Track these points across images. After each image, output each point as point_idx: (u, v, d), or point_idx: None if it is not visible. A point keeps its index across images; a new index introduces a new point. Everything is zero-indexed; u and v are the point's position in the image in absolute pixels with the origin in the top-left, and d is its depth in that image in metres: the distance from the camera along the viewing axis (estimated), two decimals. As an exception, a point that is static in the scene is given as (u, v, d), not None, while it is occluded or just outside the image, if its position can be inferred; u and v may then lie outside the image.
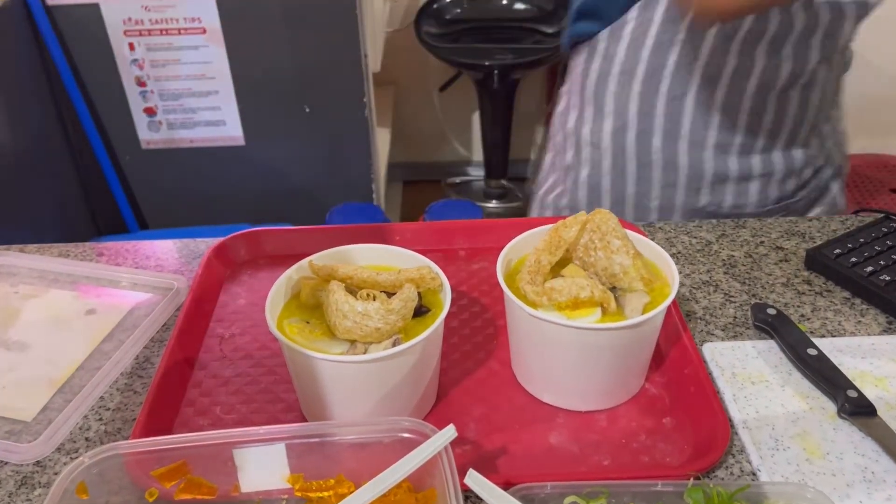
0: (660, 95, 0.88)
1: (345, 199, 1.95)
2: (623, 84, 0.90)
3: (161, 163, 1.89)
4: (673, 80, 0.87)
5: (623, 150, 0.92)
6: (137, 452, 0.51)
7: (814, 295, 0.74)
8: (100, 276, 0.79)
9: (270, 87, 1.79)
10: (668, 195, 0.92)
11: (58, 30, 1.71)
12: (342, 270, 0.60)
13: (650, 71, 0.87)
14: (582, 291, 0.58)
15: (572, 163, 0.98)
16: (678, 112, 0.88)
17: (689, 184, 0.91)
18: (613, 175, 0.94)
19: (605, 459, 0.58)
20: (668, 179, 0.91)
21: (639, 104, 0.89)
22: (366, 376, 0.57)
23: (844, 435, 0.59)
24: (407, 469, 0.49)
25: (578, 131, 0.96)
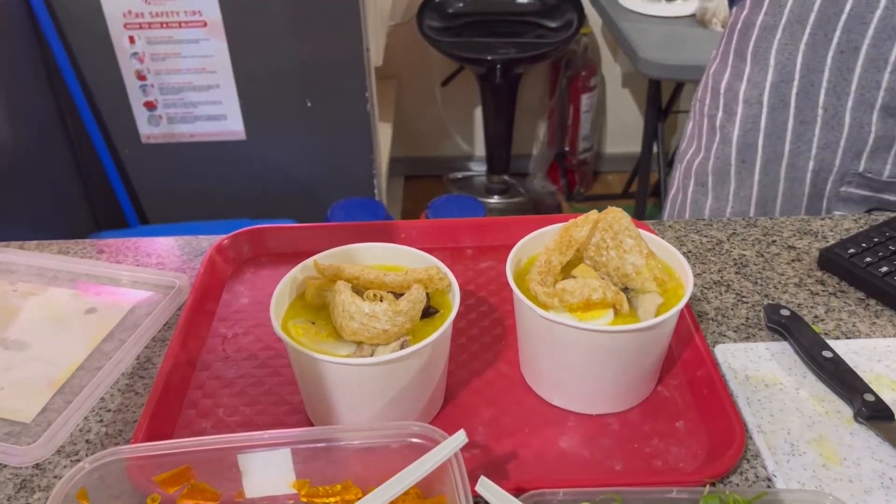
0: (831, 47, 0.83)
1: (346, 194, 1.93)
2: (791, 35, 0.85)
3: (161, 157, 1.88)
4: (844, 31, 0.82)
5: (785, 104, 0.88)
6: (139, 457, 0.50)
7: (827, 296, 0.73)
8: (100, 274, 0.78)
9: (272, 81, 1.78)
10: (826, 157, 0.88)
11: (57, 23, 1.69)
12: (348, 270, 0.59)
13: (821, 20, 0.83)
14: (594, 293, 0.57)
15: (722, 122, 0.94)
16: (848, 67, 0.84)
17: (848, 146, 0.87)
18: (769, 131, 0.90)
19: (617, 464, 0.57)
20: (829, 139, 0.88)
21: (805, 56, 0.85)
22: (373, 379, 0.55)
23: (861, 440, 0.58)
24: (416, 475, 0.47)
25: (732, 89, 0.92)
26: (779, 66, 0.88)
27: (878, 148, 0.87)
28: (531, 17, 2.39)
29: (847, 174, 0.89)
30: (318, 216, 1.90)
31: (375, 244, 0.64)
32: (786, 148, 0.90)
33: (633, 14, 1.98)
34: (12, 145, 1.61)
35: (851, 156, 0.88)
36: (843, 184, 0.90)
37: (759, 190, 0.94)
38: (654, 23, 1.94)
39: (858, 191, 0.90)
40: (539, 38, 2.35)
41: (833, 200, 0.91)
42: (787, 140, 0.90)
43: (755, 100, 0.91)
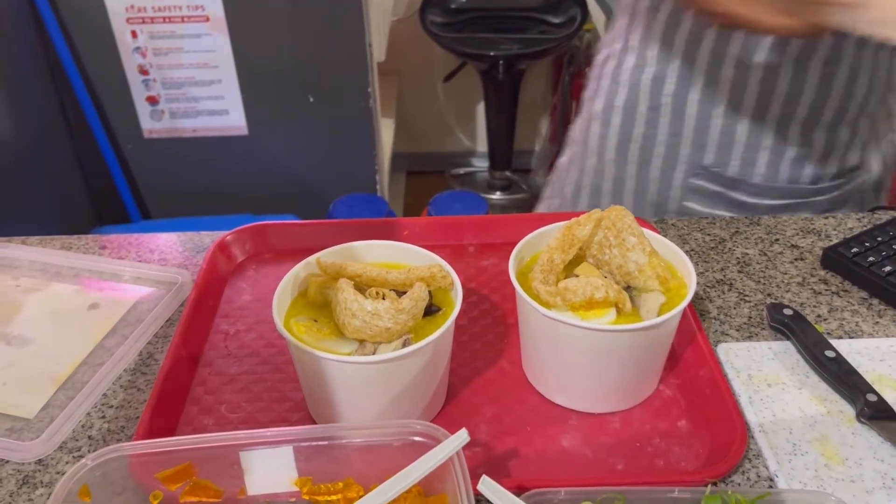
0: (679, 29, 0.84)
1: (348, 189, 1.93)
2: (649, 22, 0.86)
3: (163, 152, 1.88)
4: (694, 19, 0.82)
5: (639, 88, 0.89)
6: (142, 454, 0.50)
7: (830, 295, 0.73)
8: (103, 270, 0.78)
9: (274, 76, 1.78)
10: (673, 144, 0.89)
11: (60, 17, 1.69)
12: (351, 268, 0.59)
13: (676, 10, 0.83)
14: (597, 292, 0.57)
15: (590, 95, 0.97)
16: (692, 55, 0.84)
17: (694, 137, 0.88)
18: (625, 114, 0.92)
19: (618, 463, 0.57)
20: (676, 128, 0.89)
21: (660, 40, 0.86)
22: (375, 377, 0.55)
23: (864, 440, 0.58)
24: (418, 474, 0.47)
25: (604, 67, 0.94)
26: (640, 48, 0.89)
27: (723, 143, 0.87)
28: (534, 12, 2.39)
29: (694, 166, 0.90)
30: (320, 212, 1.90)
31: (378, 242, 0.64)
32: (637, 130, 0.91)
33: (636, 10, 1.97)
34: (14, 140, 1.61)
35: (697, 147, 0.89)
36: (692, 175, 0.90)
37: (614, 169, 0.95)
38: (658, 19, 1.93)
39: (707, 184, 0.90)
40: (542, 34, 2.35)
41: (684, 191, 0.91)
42: (637, 123, 0.91)
43: (615, 78, 0.92)
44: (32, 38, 1.68)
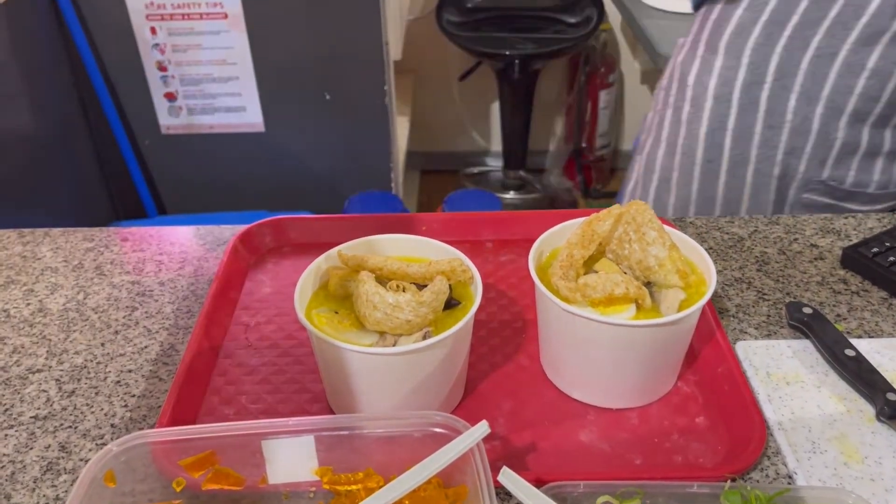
0: (808, 52, 0.82)
1: (363, 187, 1.94)
2: (768, 35, 0.84)
3: (180, 148, 1.89)
4: (826, 36, 0.80)
5: (755, 106, 0.87)
6: (165, 441, 0.51)
7: (850, 294, 0.72)
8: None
9: (291, 73, 1.79)
10: (791, 163, 0.87)
11: (80, 13, 1.70)
12: (372, 261, 0.59)
13: (803, 23, 0.81)
14: (617, 288, 0.57)
15: (690, 117, 0.92)
16: (823, 73, 0.82)
17: (814, 153, 0.86)
18: (737, 133, 0.88)
19: (636, 458, 0.57)
20: (795, 145, 0.86)
21: (780, 59, 0.84)
22: (395, 369, 0.56)
23: (883, 439, 0.58)
24: (439, 465, 0.48)
25: (702, 82, 0.91)
26: (752, 65, 0.87)
27: (843, 155, 0.86)
28: (550, 12, 2.38)
29: (811, 181, 0.88)
30: (335, 209, 1.91)
31: (398, 235, 0.65)
32: (753, 152, 0.89)
33: (653, 10, 1.97)
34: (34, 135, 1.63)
35: (816, 163, 0.87)
36: (806, 191, 0.88)
37: (725, 192, 0.93)
38: (675, 19, 1.93)
39: (820, 198, 0.89)
40: (558, 33, 2.34)
41: (795, 207, 0.90)
42: (755, 144, 0.89)
43: (724, 97, 0.89)
44: (53, 33, 1.70)
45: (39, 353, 0.68)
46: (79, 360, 0.67)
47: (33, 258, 0.80)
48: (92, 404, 0.63)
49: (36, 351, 0.68)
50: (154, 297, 0.75)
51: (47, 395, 0.64)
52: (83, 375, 0.66)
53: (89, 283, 0.76)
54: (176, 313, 0.72)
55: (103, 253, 0.81)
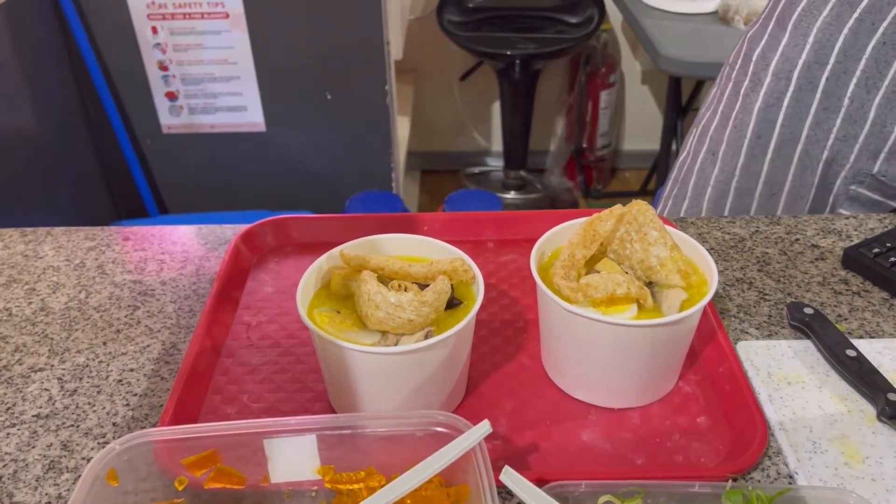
0: (874, 37, 0.79)
1: (364, 187, 1.94)
2: (837, 15, 0.82)
3: (181, 148, 1.89)
4: (893, 23, 0.78)
5: (813, 87, 0.84)
6: (168, 440, 0.51)
7: (851, 295, 0.73)
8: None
9: (292, 73, 1.79)
10: (841, 150, 0.85)
11: (82, 12, 1.71)
12: (374, 261, 0.60)
13: (873, 6, 0.79)
14: (618, 288, 0.57)
15: (747, 91, 0.91)
16: (886, 60, 0.80)
17: (867, 143, 0.84)
18: (790, 111, 0.86)
19: (638, 458, 0.57)
20: (848, 132, 0.84)
21: (846, 41, 0.81)
22: (397, 368, 0.56)
23: (884, 439, 0.58)
24: (440, 464, 0.48)
25: (765, 58, 0.89)
26: (816, 44, 0.84)
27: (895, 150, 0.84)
28: (551, 12, 2.39)
29: (860, 173, 0.86)
30: (336, 209, 1.91)
31: (401, 235, 0.65)
32: (804, 132, 0.87)
33: (654, 10, 1.97)
34: (35, 134, 1.63)
35: (868, 154, 0.85)
36: (855, 182, 0.87)
37: (770, 170, 0.91)
38: (676, 19, 1.93)
39: (869, 193, 0.87)
40: (559, 33, 2.35)
41: (841, 198, 0.88)
42: (807, 124, 0.87)
43: (784, 75, 0.87)
44: (54, 33, 1.70)
45: (41, 352, 0.68)
46: (81, 358, 0.67)
47: (35, 257, 0.80)
48: (94, 403, 0.63)
49: (38, 350, 0.69)
50: (156, 296, 0.75)
51: (49, 394, 0.64)
52: (85, 374, 0.66)
53: (91, 283, 0.77)
54: (178, 312, 0.72)
55: (105, 252, 0.81)
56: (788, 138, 0.88)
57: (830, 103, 0.85)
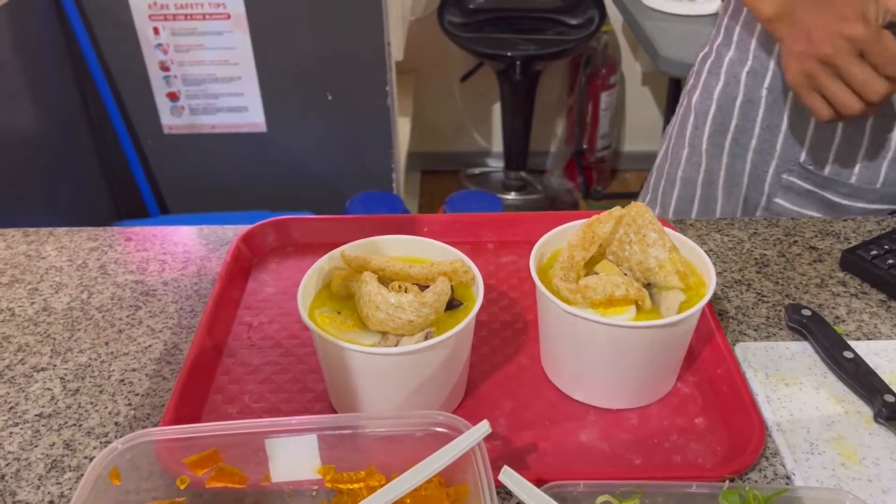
0: None
1: (364, 187, 1.95)
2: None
3: (182, 148, 1.90)
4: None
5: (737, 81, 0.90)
6: (170, 439, 0.51)
7: (849, 297, 0.73)
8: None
9: (293, 73, 1.79)
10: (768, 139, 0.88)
11: (83, 12, 1.71)
12: (374, 262, 0.60)
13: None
14: (617, 289, 0.57)
15: (690, 87, 0.97)
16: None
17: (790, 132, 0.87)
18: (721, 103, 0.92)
19: (636, 458, 0.58)
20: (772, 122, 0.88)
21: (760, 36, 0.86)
22: (397, 369, 0.56)
23: (881, 440, 0.58)
24: (440, 464, 0.48)
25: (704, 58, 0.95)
26: (739, 42, 0.90)
27: (819, 139, 0.86)
28: (552, 13, 2.39)
29: (788, 162, 0.89)
30: (337, 209, 1.91)
31: (401, 236, 0.65)
32: (732, 123, 0.91)
33: (654, 12, 1.98)
34: (36, 134, 1.64)
35: (793, 141, 0.88)
36: (785, 171, 0.89)
37: (707, 159, 0.95)
38: (676, 21, 1.94)
39: (800, 182, 0.89)
40: (559, 35, 2.35)
41: (775, 187, 0.90)
42: (734, 115, 0.91)
43: (715, 71, 0.93)
44: (56, 33, 1.70)
45: (44, 352, 0.69)
46: (83, 358, 0.68)
47: (38, 257, 0.81)
48: (96, 402, 0.63)
49: (40, 349, 0.69)
50: (158, 296, 0.75)
51: (52, 394, 0.64)
52: (87, 374, 0.66)
53: (93, 283, 0.77)
54: (179, 313, 0.73)
55: (107, 252, 0.81)
56: (720, 129, 0.92)
57: (753, 95, 0.89)
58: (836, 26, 0.71)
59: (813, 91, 0.76)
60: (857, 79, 0.72)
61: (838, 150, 0.85)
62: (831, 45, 0.72)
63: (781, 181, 0.90)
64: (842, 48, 0.72)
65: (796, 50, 0.75)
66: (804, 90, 0.77)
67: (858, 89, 0.73)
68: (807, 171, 0.88)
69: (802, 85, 0.76)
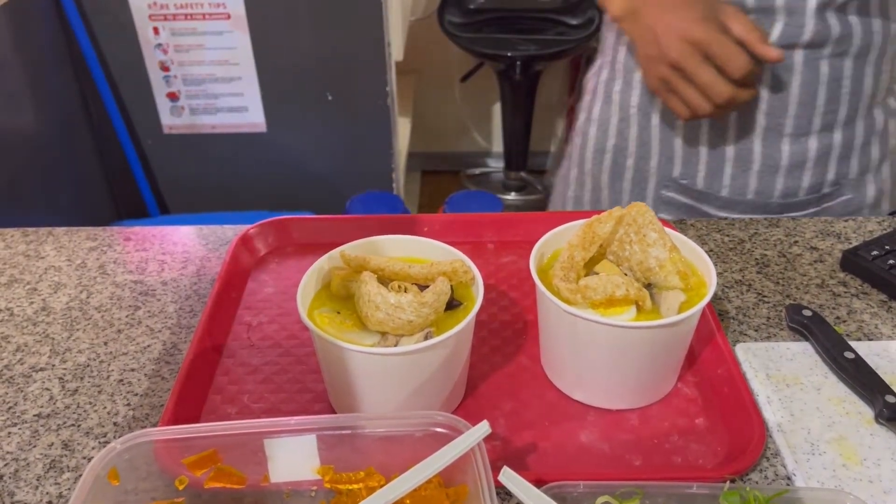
0: None
1: (364, 187, 1.94)
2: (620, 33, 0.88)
3: (182, 148, 1.90)
4: None
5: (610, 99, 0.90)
6: (169, 439, 0.51)
7: (850, 297, 0.73)
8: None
9: (293, 73, 1.79)
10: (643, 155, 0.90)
11: (83, 12, 1.71)
12: (374, 262, 0.60)
13: None
14: (617, 290, 0.57)
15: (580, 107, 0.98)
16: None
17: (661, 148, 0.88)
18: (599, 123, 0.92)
19: (636, 459, 0.58)
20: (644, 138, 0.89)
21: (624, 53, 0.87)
22: (397, 369, 0.56)
23: (882, 441, 0.58)
24: (440, 464, 0.48)
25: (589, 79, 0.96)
26: (609, 61, 0.90)
27: (689, 154, 0.87)
28: (552, 13, 2.39)
29: (665, 178, 0.89)
30: (337, 209, 1.91)
31: (401, 236, 0.65)
32: (609, 142, 0.92)
33: (655, 12, 1.97)
34: (36, 133, 1.64)
35: (665, 159, 0.88)
36: (663, 187, 0.90)
37: (591, 181, 0.96)
38: (677, 21, 1.93)
39: (679, 197, 0.90)
40: (560, 35, 2.35)
41: (658, 203, 0.91)
42: (610, 134, 0.91)
43: (591, 89, 0.94)
44: (56, 33, 1.70)
45: (43, 352, 0.68)
46: (82, 358, 0.68)
47: (37, 257, 0.81)
48: (95, 403, 0.63)
49: (39, 349, 0.69)
50: (157, 296, 0.75)
51: (50, 394, 0.64)
52: (86, 374, 0.66)
53: (92, 283, 0.77)
54: (178, 313, 0.73)
55: (106, 252, 0.81)
56: (600, 148, 0.93)
57: (625, 114, 0.89)
58: (682, 29, 0.72)
59: (669, 93, 0.77)
60: (703, 82, 0.73)
61: (708, 163, 0.86)
62: (678, 49, 0.73)
63: (662, 197, 0.91)
64: (688, 52, 0.73)
65: (650, 54, 0.77)
66: (661, 93, 0.78)
67: (705, 93, 0.74)
68: (682, 187, 0.89)
69: (659, 89, 0.78)
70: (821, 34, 0.77)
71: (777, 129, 0.83)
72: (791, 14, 0.76)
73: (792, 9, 0.76)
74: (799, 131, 0.83)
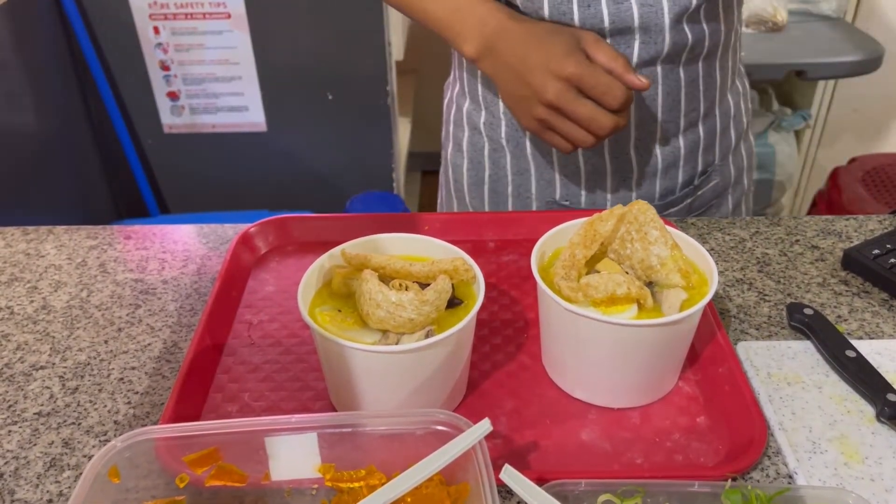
0: None
1: (364, 187, 1.94)
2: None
3: (183, 147, 1.90)
4: None
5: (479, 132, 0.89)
6: (170, 437, 0.51)
7: (851, 296, 0.73)
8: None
9: (293, 73, 1.79)
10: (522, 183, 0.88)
11: (84, 12, 1.71)
12: (375, 260, 0.60)
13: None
14: (619, 288, 0.57)
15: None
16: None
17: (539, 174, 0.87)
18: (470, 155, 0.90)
19: (637, 458, 0.58)
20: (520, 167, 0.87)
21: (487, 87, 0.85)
22: (398, 367, 0.56)
23: (883, 439, 0.58)
24: (441, 462, 0.48)
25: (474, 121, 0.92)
26: (471, 93, 0.88)
27: (568, 175, 0.85)
28: (552, 13, 2.38)
29: (546, 201, 0.88)
30: (337, 208, 1.91)
31: (402, 235, 0.65)
32: (485, 173, 0.90)
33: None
34: (37, 133, 1.64)
35: (545, 182, 0.87)
36: (546, 207, 0.88)
37: (473, 208, 0.93)
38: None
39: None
40: (560, 35, 2.34)
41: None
42: (486, 164, 0.89)
43: (459, 122, 0.91)
44: (56, 32, 1.70)
45: (43, 350, 0.68)
46: (82, 357, 0.68)
47: (37, 255, 0.81)
48: (95, 401, 0.63)
49: (39, 348, 0.69)
50: (157, 294, 0.75)
51: (51, 392, 0.64)
52: (87, 372, 0.66)
53: (93, 281, 0.77)
54: (179, 311, 0.73)
55: (107, 251, 0.81)
56: (476, 180, 0.91)
57: (496, 144, 0.87)
58: (552, 67, 0.69)
59: (548, 131, 0.74)
60: (584, 117, 0.70)
61: (587, 182, 0.85)
62: (552, 88, 0.70)
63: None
64: (562, 90, 0.70)
65: (520, 94, 0.73)
66: (540, 133, 0.75)
67: (586, 127, 0.71)
68: (565, 207, 0.87)
69: (537, 129, 0.75)
70: (678, 45, 0.76)
71: (649, 137, 0.83)
72: (647, 31, 0.75)
73: (647, 26, 0.74)
74: (668, 134, 0.83)
